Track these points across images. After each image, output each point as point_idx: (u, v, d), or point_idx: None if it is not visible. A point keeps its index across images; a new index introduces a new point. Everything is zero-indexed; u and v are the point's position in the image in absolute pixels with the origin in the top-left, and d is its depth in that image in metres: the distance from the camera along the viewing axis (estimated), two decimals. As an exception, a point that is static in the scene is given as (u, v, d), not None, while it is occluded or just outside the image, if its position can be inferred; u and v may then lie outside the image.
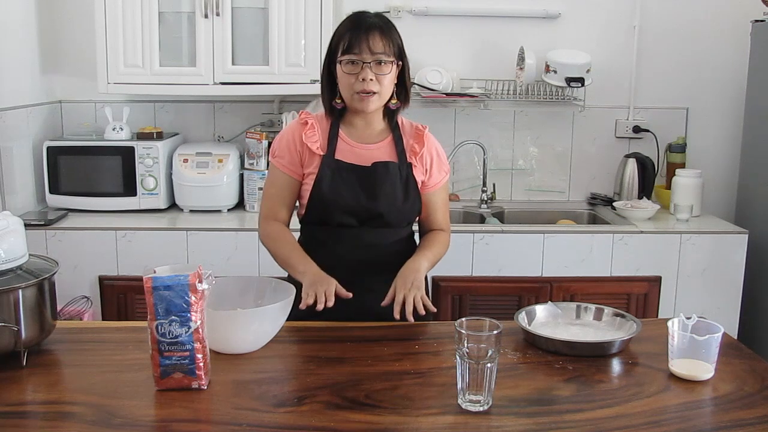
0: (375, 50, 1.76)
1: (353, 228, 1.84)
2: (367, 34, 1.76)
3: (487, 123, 3.33)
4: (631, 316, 1.70)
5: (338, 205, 1.82)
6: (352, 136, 1.88)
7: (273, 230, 1.88)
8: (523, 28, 3.26)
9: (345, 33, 1.79)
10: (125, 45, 2.88)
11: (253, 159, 3.06)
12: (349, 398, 1.35)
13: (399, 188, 1.85)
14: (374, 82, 1.77)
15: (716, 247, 2.84)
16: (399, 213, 1.87)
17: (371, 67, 1.76)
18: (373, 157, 1.86)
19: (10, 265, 1.48)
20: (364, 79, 1.76)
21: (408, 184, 1.87)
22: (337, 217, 1.83)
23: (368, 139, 1.89)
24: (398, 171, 1.86)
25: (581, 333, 1.67)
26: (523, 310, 1.72)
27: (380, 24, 1.80)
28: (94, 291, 2.76)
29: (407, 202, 1.87)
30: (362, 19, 1.80)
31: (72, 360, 1.54)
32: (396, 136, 1.90)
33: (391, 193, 1.84)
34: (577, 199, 3.43)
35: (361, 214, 1.83)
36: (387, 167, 1.85)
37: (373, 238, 1.85)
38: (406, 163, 1.88)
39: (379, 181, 1.84)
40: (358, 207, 1.82)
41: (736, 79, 3.31)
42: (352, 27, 1.79)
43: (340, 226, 1.84)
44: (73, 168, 2.96)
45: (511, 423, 1.28)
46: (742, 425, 1.28)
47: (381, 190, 1.83)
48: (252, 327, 1.53)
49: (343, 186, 1.82)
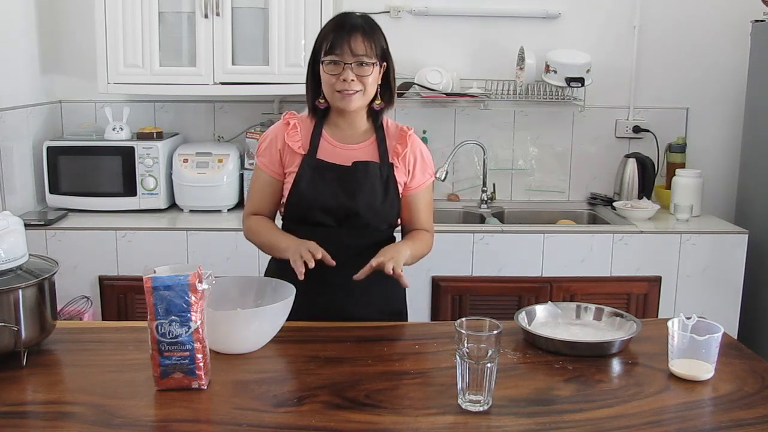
0: (356, 52, 1.76)
1: (331, 228, 1.84)
2: (350, 36, 1.77)
3: (487, 123, 3.33)
4: (630, 316, 1.70)
5: (316, 203, 1.83)
6: (335, 137, 1.89)
7: (252, 223, 1.92)
8: (523, 28, 3.26)
9: (328, 33, 1.80)
10: (125, 45, 2.88)
11: (253, 159, 3.05)
12: (349, 398, 1.35)
13: (378, 188, 1.85)
14: (356, 82, 1.78)
15: (716, 247, 2.84)
16: (377, 213, 1.86)
17: (352, 68, 1.77)
18: (355, 157, 1.87)
19: (10, 265, 1.48)
20: (345, 79, 1.77)
21: (388, 184, 1.87)
22: (315, 216, 1.83)
23: (351, 139, 1.89)
24: (378, 171, 1.86)
25: (581, 333, 1.67)
26: (523, 310, 1.72)
27: (363, 25, 1.80)
28: (94, 291, 2.76)
29: (386, 203, 1.86)
30: (346, 20, 1.81)
31: (72, 360, 1.54)
32: (379, 136, 1.90)
33: (370, 193, 1.84)
34: (577, 199, 3.43)
35: (339, 213, 1.83)
36: (367, 167, 1.85)
37: (351, 239, 1.84)
38: (388, 163, 1.88)
39: (359, 180, 1.84)
40: (335, 205, 1.82)
41: (736, 79, 3.31)
42: (335, 28, 1.80)
43: (319, 225, 1.84)
44: (73, 168, 2.96)
45: (511, 423, 1.28)
46: (742, 425, 1.28)
47: (359, 189, 1.83)
48: (252, 327, 1.54)
49: (321, 184, 1.83)
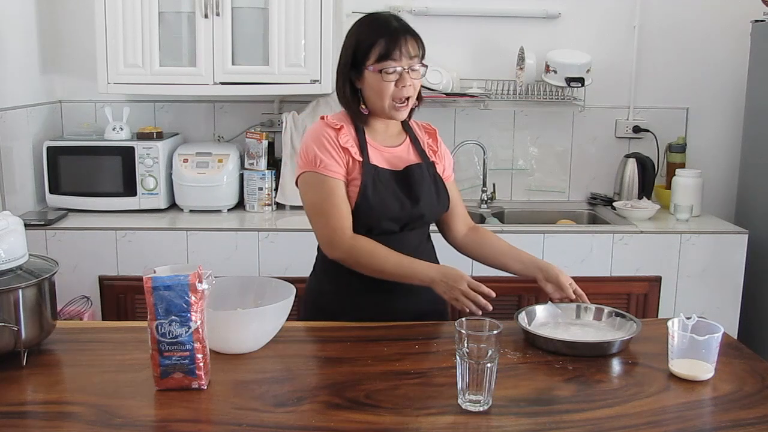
0: (412, 54, 1.74)
1: (395, 234, 1.82)
2: (405, 39, 1.72)
3: (487, 123, 3.33)
4: (631, 316, 1.70)
5: (384, 213, 1.79)
6: (376, 140, 1.85)
7: (363, 242, 1.76)
8: (523, 28, 3.26)
9: (377, 39, 1.72)
10: (125, 45, 2.88)
11: (253, 159, 3.06)
12: (349, 398, 1.35)
13: (432, 188, 1.86)
14: (411, 88, 1.76)
15: (716, 247, 2.84)
16: (436, 212, 1.90)
17: (409, 73, 1.74)
18: (401, 159, 1.85)
19: (10, 265, 1.48)
20: (404, 86, 1.74)
21: (437, 181, 1.88)
22: (382, 225, 1.80)
23: (389, 141, 1.87)
24: (427, 171, 1.86)
25: (581, 333, 1.67)
26: (523, 309, 1.72)
27: (408, 27, 1.76)
28: (94, 291, 2.76)
29: (440, 201, 1.88)
30: (389, 24, 1.75)
31: (72, 360, 1.54)
32: (412, 136, 1.91)
33: (428, 194, 1.84)
34: (577, 199, 3.43)
35: (404, 219, 1.82)
36: (420, 169, 1.85)
37: (411, 241, 1.85)
38: (430, 161, 1.89)
39: (417, 183, 1.83)
40: (402, 213, 1.80)
41: (736, 79, 3.31)
42: (384, 33, 1.73)
43: (383, 233, 1.81)
44: (73, 168, 2.96)
45: (511, 423, 1.28)
46: (742, 425, 1.28)
47: (420, 192, 1.82)
48: (252, 327, 1.54)
49: (386, 193, 1.79)
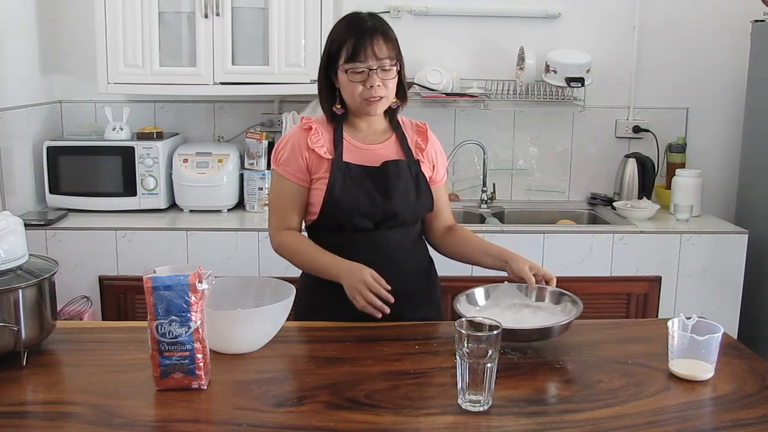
0: (380, 56, 1.73)
1: (369, 231, 1.82)
2: (372, 40, 1.73)
3: (487, 123, 3.33)
4: (574, 296, 1.70)
5: (354, 209, 1.79)
6: (357, 138, 1.86)
7: (287, 239, 1.84)
8: (523, 28, 3.26)
9: (346, 39, 1.74)
10: (125, 45, 2.88)
11: (253, 159, 3.06)
12: (349, 398, 1.35)
13: (411, 185, 1.84)
14: (381, 87, 1.76)
15: (716, 247, 2.84)
16: (413, 211, 1.86)
17: (377, 73, 1.74)
18: (381, 156, 1.85)
19: (10, 265, 1.48)
20: (372, 86, 1.74)
21: (418, 180, 1.86)
22: (354, 221, 1.80)
23: (373, 139, 1.87)
24: (408, 168, 1.85)
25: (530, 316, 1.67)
26: (463, 294, 1.72)
27: (380, 27, 1.76)
28: (94, 291, 2.76)
29: (420, 199, 1.86)
30: (361, 23, 1.76)
31: (72, 360, 1.54)
32: (399, 134, 1.90)
33: (404, 191, 1.83)
34: (577, 199, 3.43)
35: (377, 216, 1.81)
36: (397, 165, 1.84)
37: (388, 240, 1.83)
38: (414, 159, 1.88)
39: (392, 179, 1.82)
40: (373, 208, 1.80)
41: (736, 79, 3.31)
42: (353, 33, 1.74)
43: (356, 231, 1.81)
44: (73, 168, 2.96)
45: (511, 423, 1.28)
46: (742, 425, 1.28)
47: (394, 188, 1.81)
48: (252, 327, 1.54)
49: (356, 188, 1.79)
